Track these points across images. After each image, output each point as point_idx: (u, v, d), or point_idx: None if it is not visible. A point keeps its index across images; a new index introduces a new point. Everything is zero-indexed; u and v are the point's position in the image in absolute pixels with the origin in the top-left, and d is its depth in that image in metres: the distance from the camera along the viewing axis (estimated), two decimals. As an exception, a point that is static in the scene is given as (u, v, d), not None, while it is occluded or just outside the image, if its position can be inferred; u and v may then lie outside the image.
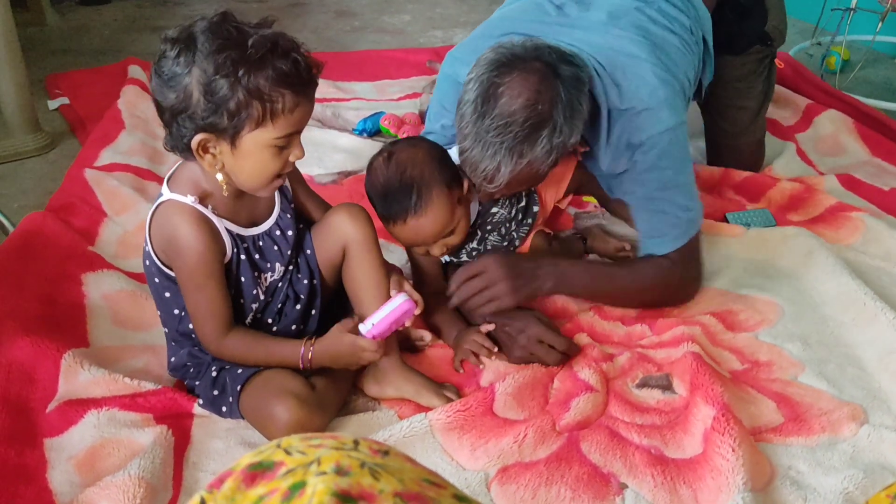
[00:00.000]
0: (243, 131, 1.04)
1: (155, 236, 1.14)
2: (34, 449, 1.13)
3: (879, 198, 1.83)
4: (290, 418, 1.12)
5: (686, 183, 1.39)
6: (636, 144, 1.33)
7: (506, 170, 1.19)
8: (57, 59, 2.89)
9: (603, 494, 1.08)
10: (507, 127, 1.17)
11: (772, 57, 1.82)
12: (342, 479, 0.41)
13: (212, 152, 1.06)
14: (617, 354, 1.35)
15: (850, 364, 1.33)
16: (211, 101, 1.01)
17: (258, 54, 1.00)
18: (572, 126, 1.21)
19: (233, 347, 1.16)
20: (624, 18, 1.39)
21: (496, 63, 1.19)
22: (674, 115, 1.33)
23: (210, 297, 1.12)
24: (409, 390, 1.24)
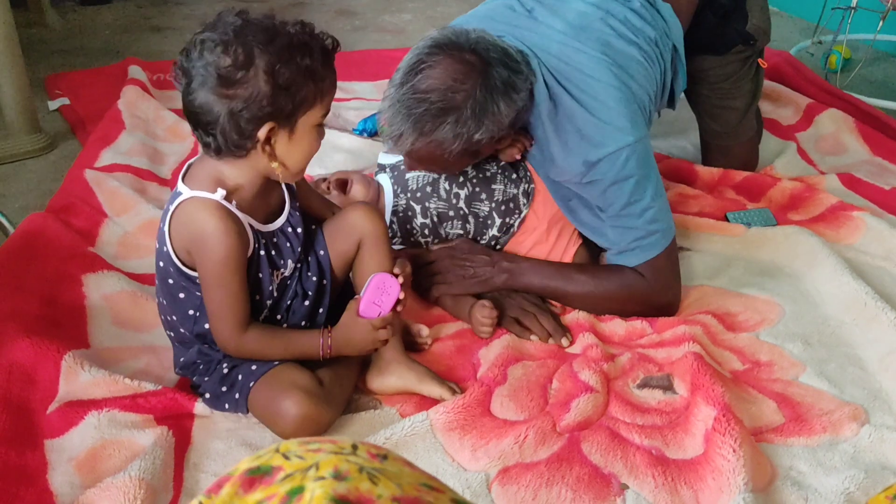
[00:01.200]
0: (300, 114, 1.09)
1: (176, 235, 1.13)
2: (35, 450, 1.13)
3: (880, 197, 1.83)
4: (299, 412, 1.13)
5: (650, 197, 1.38)
6: (592, 162, 1.35)
7: (408, 139, 1.28)
8: (57, 59, 2.89)
9: (604, 495, 1.08)
10: (418, 102, 1.25)
11: (756, 56, 1.82)
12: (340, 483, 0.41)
13: (272, 142, 1.09)
14: (618, 354, 1.35)
15: (851, 364, 1.33)
16: (277, 88, 1.05)
17: (302, 39, 1.07)
18: (479, 123, 1.27)
19: (252, 343, 1.16)
20: (587, 31, 1.41)
21: (435, 42, 1.28)
22: (632, 132, 1.34)
23: (232, 293, 1.12)
24: (412, 378, 1.25)
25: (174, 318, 1.22)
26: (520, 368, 1.31)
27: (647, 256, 1.40)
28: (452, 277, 1.44)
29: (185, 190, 1.12)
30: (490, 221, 1.50)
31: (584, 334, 1.38)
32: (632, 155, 1.34)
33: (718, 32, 1.73)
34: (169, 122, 2.23)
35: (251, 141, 1.08)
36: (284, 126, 1.09)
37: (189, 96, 1.07)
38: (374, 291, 1.19)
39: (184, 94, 1.08)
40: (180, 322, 1.21)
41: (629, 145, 1.34)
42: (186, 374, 1.26)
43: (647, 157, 1.39)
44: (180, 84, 1.08)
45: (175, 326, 1.23)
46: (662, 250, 1.40)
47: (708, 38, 1.71)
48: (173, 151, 2.09)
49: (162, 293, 1.21)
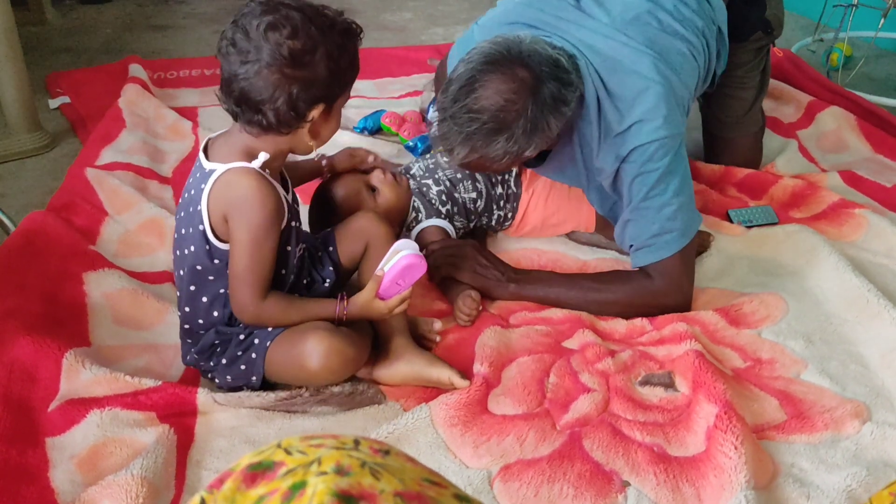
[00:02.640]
0: (340, 96, 1.16)
1: (215, 205, 1.14)
2: (36, 448, 1.13)
3: (882, 194, 1.83)
4: (324, 346, 1.16)
5: (672, 193, 1.38)
6: (623, 155, 1.37)
7: (460, 154, 1.31)
8: (58, 57, 2.89)
9: (605, 492, 1.08)
10: (471, 120, 1.27)
11: (769, 47, 1.82)
12: (342, 479, 0.41)
13: (315, 120, 1.14)
14: (619, 351, 1.35)
15: (853, 361, 1.33)
16: (333, 74, 1.11)
17: (349, 27, 1.14)
18: (530, 140, 1.30)
19: (270, 309, 1.18)
20: (634, 24, 1.41)
21: (488, 56, 1.29)
22: (665, 127, 1.35)
23: (262, 258, 1.15)
24: (422, 363, 1.27)
25: (197, 307, 1.22)
26: (514, 368, 1.30)
27: (661, 256, 1.40)
28: (466, 265, 1.47)
29: (219, 165, 1.14)
30: (494, 180, 1.62)
31: (583, 331, 1.38)
32: (661, 148, 1.35)
33: (741, 18, 1.73)
34: (169, 121, 2.23)
35: (303, 120, 1.12)
36: (329, 107, 1.15)
37: (245, 75, 1.07)
38: (401, 273, 1.21)
39: (235, 71, 1.08)
40: (204, 310, 1.22)
41: (660, 139, 1.35)
42: (201, 361, 1.26)
43: (677, 154, 1.39)
44: (229, 59, 1.08)
45: (195, 317, 1.23)
46: (677, 251, 1.40)
47: (732, 24, 1.69)
48: (174, 150, 2.09)
49: (189, 281, 1.21)
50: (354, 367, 1.23)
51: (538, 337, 1.38)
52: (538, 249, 1.66)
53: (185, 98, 2.47)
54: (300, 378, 1.21)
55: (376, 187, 1.51)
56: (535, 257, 1.62)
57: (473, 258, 1.48)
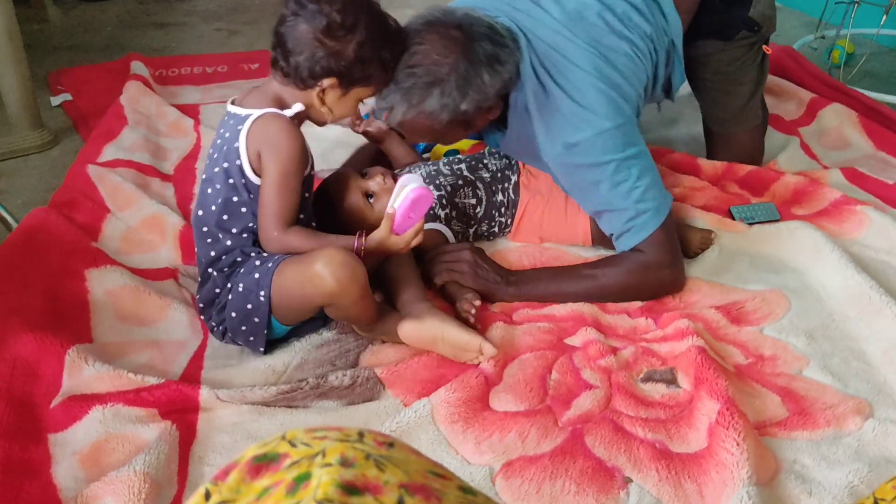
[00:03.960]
0: (358, 85, 1.28)
1: (253, 142, 1.25)
2: (39, 444, 1.13)
3: (884, 191, 1.82)
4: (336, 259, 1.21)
5: (635, 177, 1.43)
6: (571, 143, 1.42)
7: (399, 111, 1.38)
8: (59, 55, 2.90)
9: (607, 488, 1.08)
10: (407, 76, 1.35)
11: (761, 44, 1.82)
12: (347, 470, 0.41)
13: (325, 92, 1.26)
14: (621, 348, 1.35)
15: (855, 358, 1.33)
16: (357, 60, 1.24)
17: (397, 35, 1.30)
18: (464, 94, 1.35)
19: (293, 238, 1.26)
20: (581, 22, 1.47)
21: (425, 20, 1.38)
22: (610, 117, 1.41)
23: (291, 192, 1.26)
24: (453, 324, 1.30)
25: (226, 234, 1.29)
26: (516, 365, 1.30)
27: (643, 235, 1.45)
28: (467, 269, 1.48)
29: (254, 111, 1.26)
30: (494, 188, 1.63)
31: (585, 329, 1.38)
32: (609, 140, 1.41)
33: (723, 18, 1.75)
34: (171, 118, 2.23)
35: (314, 82, 1.25)
36: (342, 86, 1.27)
37: (290, 22, 1.23)
38: (411, 206, 1.28)
39: (283, 17, 1.24)
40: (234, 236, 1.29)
41: (606, 130, 1.41)
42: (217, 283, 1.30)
43: (628, 140, 1.44)
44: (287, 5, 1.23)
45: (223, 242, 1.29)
46: (657, 227, 1.45)
47: (713, 24, 1.74)
48: (175, 147, 2.09)
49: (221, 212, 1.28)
50: (361, 288, 1.24)
51: (540, 334, 1.38)
52: (539, 247, 1.66)
53: (187, 95, 2.48)
54: (305, 293, 1.24)
55: (374, 192, 1.50)
56: (537, 254, 1.62)
57: (473, 262, 1.49)
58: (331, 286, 1.21)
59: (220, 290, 1.31)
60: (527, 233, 1.66)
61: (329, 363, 1.32)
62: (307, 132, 1.28)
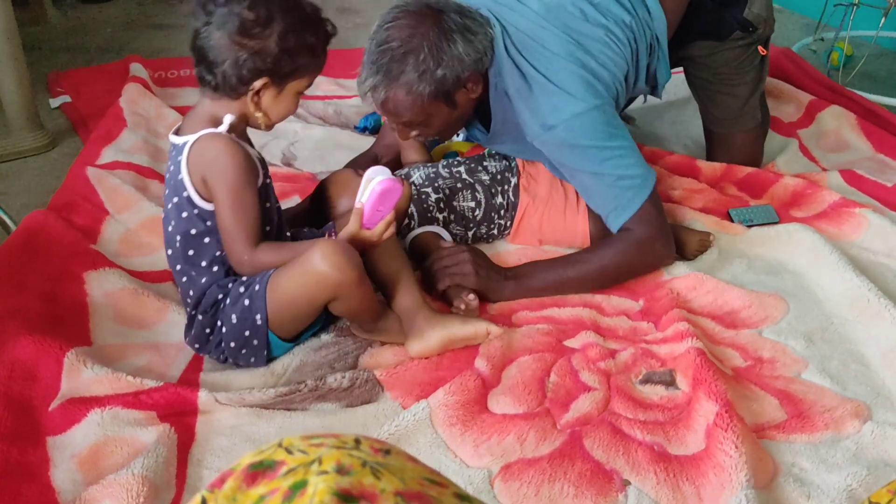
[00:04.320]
0: (291, 79, 1.22)
1: (195, 169, 1.21)
2: (37, 447, 1.13)
3: (883, 194, 1.83)
4: (329, 248, 1.19)
5: (617, 156, 1.47)
6: (550, 125, 1.46)
7: (380, 88, 1.41)
8: (58, 57, 2.89)
9: (606, 491, 1.08)
10: (383, 53, 1.39)
11: (757, 45, 1.82)
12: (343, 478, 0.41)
13: (260, 94, 1.21)
14: (620, 350, 1.35)
15: (854, 361, 1.33)
16: (282, 52, 1.18)
17: (313, 17, 1.23)
18: (438, 60, 1.39)
19: (264, 255, 1.23)
20: (557, 11, 1.52)
21: (399, 6, 1.43)
22: (586, 98, 1.45)
23: (249, 208, 1.21)
24: (455, 323, 1.32)
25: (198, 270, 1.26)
26: (514, 367, 1.30)
27: (631, 212, 1.48)
28: (468, 270, 1.48)
29: (190, 136, 1.22)
30: (494, 190, 1.64)
31: (585, 332, 1.38)
32: (587, 121, 1.45)
33: (716, 18, 1.77)
34: (170, 120, 2.23)
35: (245, 87, 1.20)
36: (276, 84, 1.22)
37: (202, 34, 1.19)
38: (379, 200, 1.25)
39: (197, 31, 1.19)
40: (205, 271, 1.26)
41: (584, 112, 1.44)
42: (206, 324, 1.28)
43: (607, 121, 1.47)
44: (196, 18, 1.19)
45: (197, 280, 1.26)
46: (644, 201, 1.47)
47: (706, 24, 1.76)
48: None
49: (185, 247, 1.25)
50: (359, 271, 1.24)
51: (539, 336, 1.38)
52: (539, 249, 1.65)
53: (187, 97, 2.47)
54: (308, 292, 1.23)
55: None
56: (536, 256, 1.62)
57: (474, 262, 1.49)
58: (332, 274, 1.20)
59: (210, 330, 1.29)
60: (526, 235, 1.66)
61: (328, 365, 1.32)
62: (308, 135, 1.27)
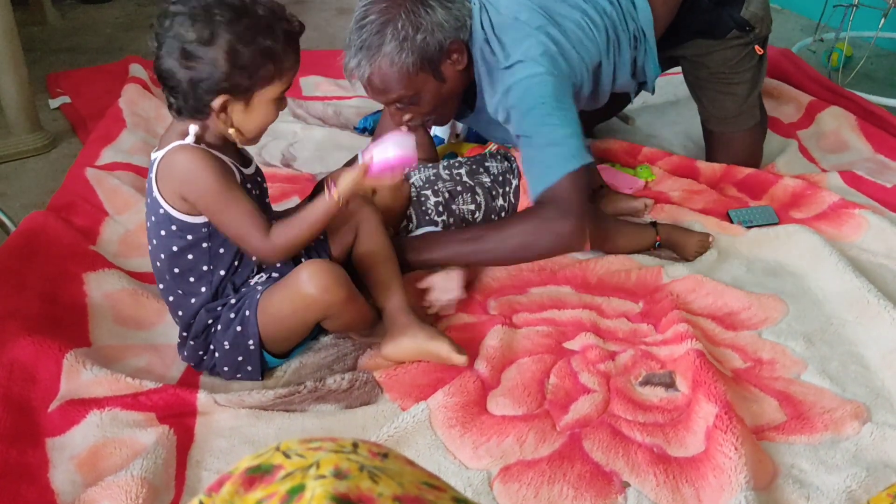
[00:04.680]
0: (256, 90, 1.16)
1: (166, 186, 1.18)
2: (36, 448, 1.13)
3: (882, 195, 1.82)
4: (315, 268, 1.19)
5: (553, 123, 1.45)
6: (507, 87, 1.47)
7: (364, 64, 1.43)
8: (58, 57, 2.89)
9: (605, 493, 1.08)
10: (362, 30, 1.42)
11: (755, 44, 1.82)
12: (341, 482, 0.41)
13: (227, 111, 1.16)
14: (620, 352, 1.35)
15: (854, 362, 1.33)
16: (234, 67, 1.12)
17: (268, 20, 1.14)
18: (416, 26, 1.42)
19: (279, 238, 1.20)
20: None
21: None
22: (544, 64, 1.46)
23: (243, 205, 1.18)
24: (423, 336, 1.29)
25: (185, 288, 1.24)
26: (514, 369, 1.30)
27: (549, 181, 1.44)
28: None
29: (160, 153, 1.19)
30: (494, 192, 1.63)
31: (585, 333, 1.38)
32: (538, 83, 1.45)
33: (713, 17, 1.77)
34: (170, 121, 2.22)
35: (208, 108, 1.16)
36: (240, 99, 1.16)
37: (158, 61, 1.15)
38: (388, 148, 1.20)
39: (154, 58, 1.15)
40: (193, 289, 1.24)
41: (539, 74, 1.45)
42: (199, 348, 1.27)
43: (556, 90, 1.47)
44: (152, 46, 1.15)
45: (186, 300, 1.25)
46: (564, 174, 1.43)
47: (703, 23, 1.76)
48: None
49: (171, 264, 1.23)
50: (348, 291, 1.24)
51: (539, 338, 1.38)
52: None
53: (186, 98, 2.47)
54: (297, 314, 1.22)
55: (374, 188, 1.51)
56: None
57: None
58: (320, 297, 1.20)
59: (203, 352, 1.29)
60: None
61: (327, 367, 1.32)
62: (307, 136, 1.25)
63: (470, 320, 1.44)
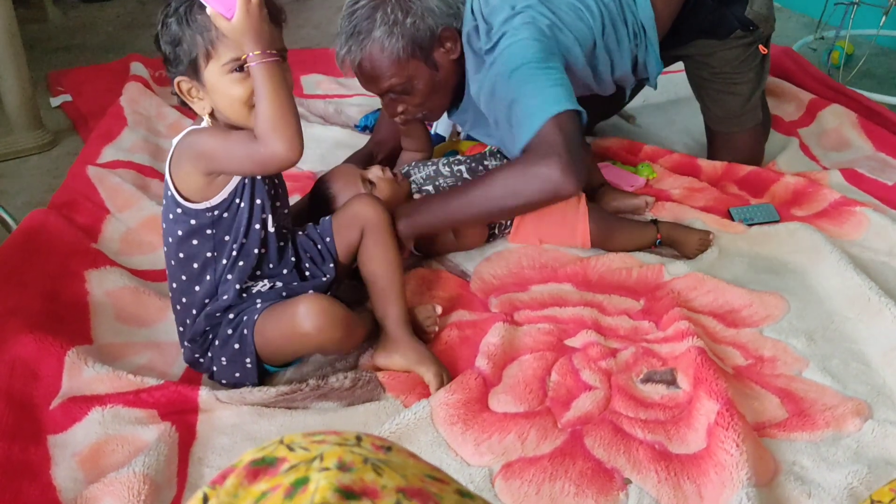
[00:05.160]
0: (201, 67, 1.13)
1: (177, 166, 1.18)
2: (38, 445, 1.13)
3: (883, 192, 1.82)
4: (314, 306, 1.19)
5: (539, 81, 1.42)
6: (490, 62, 1.47)
7: (355, 50, 1.44)
8: (59, 56, 2.90)
9: (607, 490, 1.08)
10: (351, 17, 1.44)
11: (758, 44, 1.82)
12: (345, 475, 0.41)
13: (196, 97, 1.17)
14: (621, 349, 1.35)
15: (855, 359, 1.33)
16: (172, 46, 1.13)
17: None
18: (405, 10, 1.43)
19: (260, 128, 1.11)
20: None
21: None
22: (528, 33, 1.45)
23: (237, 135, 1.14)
24: (413, 358, 1.28)
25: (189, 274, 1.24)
26: (515, 366, 1.30)
27: (533, 126, 1.39)
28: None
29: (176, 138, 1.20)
30: None
31: (586, 331, 1.38)
32: (526, 46, 1.44)
33: (717, 17, 1.76)
34: (171, 119, 2.23)
35: (180, 94, 1.18)
36: (193, 79, 1.15)
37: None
38: None
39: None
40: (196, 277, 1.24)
41: (523, 39, 1.45)
42: (196, 352, 1.27)
43: (542, 54, 1.45)
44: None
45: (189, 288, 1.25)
46: (547, 118, 1.39)
47: (707, 22, 1.76)
48: (175, 148, 2.09)
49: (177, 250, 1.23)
50: (345, 330, 1.23)
51: (540, 335, 1.38)
52: (539, 248, 1.65)
53: (187, 96, 2.47)
54: (293, 344, 1.23)
55: (373, 182, 1.51)
56: (537, 255, 1.62)
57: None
58: (316, 336, 1.20)
59: (200, 357, 1.29)
60: (526, 234, 1.66)
61: (329, 365, 1.32)
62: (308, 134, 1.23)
63: (471, 318, 1.44)
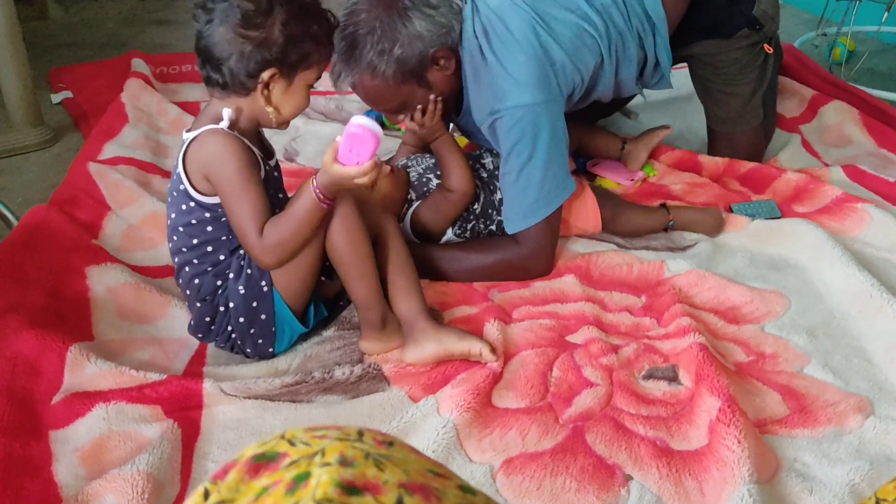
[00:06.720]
0: (300, 69, 1.21)
1: (192, 166, 1.21)
2: (39, 441, 1.13)
3: (885, 189, 1.82)
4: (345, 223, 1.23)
5: (537, 165, 1.45)
6: (495, 110, 1.44)
7: (346, 75, 1.43)
8: (60, 52, 2.89)
9: (608, 486, 1.08)
10: (342, 40, 1.41)
11: (763, 43, 1.82)
12: (346, 469, 0.41)
13: (270, 87, 1.20)
14: (623, 346, 1.35)
15: (856, 356, 1.33)
16: (288, 40, 1.17)
17: (315, 6, 1.22)
18: (393, 39, 1.40)
19: (270, 236, 1.19)
20: None
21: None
22: (533, 92, 1.42)
23: (254, 197, 1.19)
24: (452, 338, 1.28)
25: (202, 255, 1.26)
26: (517, 362, 1.31)
27: (527, 224, 1.48)
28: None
29: (192, 133, 1.21)
30: (492, 187, 1.62)
31: (587, 327, 1.38)
32: (527, 116, 1.42)
33: (725, 14, 1.76)
34: (172, 115, 2.23)
35: (254, 81, 1.19)
36: (285, 76, 1.20)
37: (207, 32, 1.17)
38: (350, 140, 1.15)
39: (201, 31, 1.18)
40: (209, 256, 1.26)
41: (527, 105, 1.42)
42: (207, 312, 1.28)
43: (547, 121, 1.44)
44: (198, 18, 1.18)
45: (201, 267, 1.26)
46: (539, 220, 1.48)
47: (714, 20, 1.75)
48: (176, 144, 2.08)
49: (189, 235, 1.25)
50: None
51: (542, 331, 1.38)
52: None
53: (188, 93, 2.47)
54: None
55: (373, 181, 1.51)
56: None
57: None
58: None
59: (210, 318, 1.29)
60: None
61: (334, 360, 1.32)
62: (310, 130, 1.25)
63: (471, 311, 1.44)
